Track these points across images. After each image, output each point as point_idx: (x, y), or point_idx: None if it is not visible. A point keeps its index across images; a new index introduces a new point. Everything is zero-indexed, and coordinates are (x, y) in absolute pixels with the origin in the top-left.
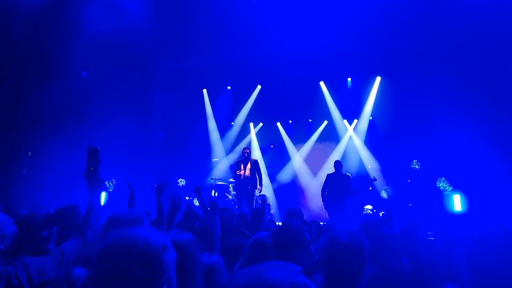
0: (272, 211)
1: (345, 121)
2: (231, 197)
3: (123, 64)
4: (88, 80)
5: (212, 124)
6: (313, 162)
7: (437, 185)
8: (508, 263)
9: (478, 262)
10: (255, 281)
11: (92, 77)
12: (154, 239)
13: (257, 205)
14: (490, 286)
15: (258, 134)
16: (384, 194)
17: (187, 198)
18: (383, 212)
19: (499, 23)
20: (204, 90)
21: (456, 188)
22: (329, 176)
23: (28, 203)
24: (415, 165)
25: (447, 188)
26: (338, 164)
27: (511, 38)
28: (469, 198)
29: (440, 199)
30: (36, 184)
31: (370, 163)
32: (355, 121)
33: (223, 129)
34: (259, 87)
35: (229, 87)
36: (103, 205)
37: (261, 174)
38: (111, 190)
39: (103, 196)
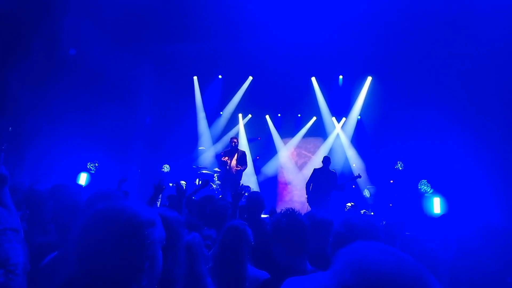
0: None
1: (334, 119)
2: (215, 186)
3: (112, 43)
4: (74, 58)
5: (200, 112)
6: (299, 157)
7: (419, 187)
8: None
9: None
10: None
11: (79, 55)
12: (141, 212)
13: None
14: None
15: (246, 126)
16: (366, 193)
17: (170, 184)
18: (364, 210)
19: (489, 26)
20: (195, 77)
21: (437, 191)
22: (316, 170)
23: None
24: (399, 166)
25: (428, 190)
26: (326, 160)
27: (500, 42)
28: (449, 201)
29: (420, 201)
30: (16, 160)
31: (355, 162)
32: (344, 119)
33: (211, 118)
34: (250, 78)
35: (220, 76)
36: (85, 186)
37: (246, 166)
38: (93, 172)
39: (85, 177)
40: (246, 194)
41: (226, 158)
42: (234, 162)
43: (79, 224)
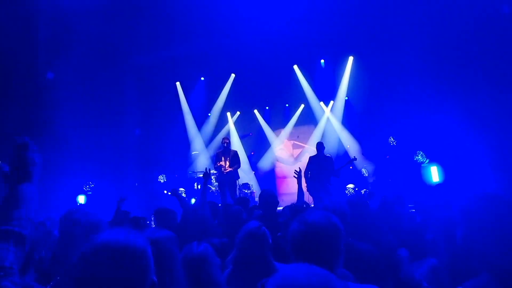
0: (256, 199)
1: (322, 103)
2: (214, 188)
3: (92, 62)
4: (55, 81)
5: (188, 116)
6: (294, 147)
7: (415, 159)
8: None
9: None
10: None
11: (59, 77)
12: (133, 238)
13: (241, 194)
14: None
15: (236, 123)
16: (364, 172)
17: (169, 192)
18: (365, 190)
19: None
20: (177, 83)
21: (433, 160)
22: (311, 158)
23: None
24: (391, 141)
25: (424, 161)
26: (320, 146)
27: (485, 15)
28: (446, 169)
29: (418, 172)
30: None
31: (349, 143)
32: (332, 102)
33: (200, 120)
34: (233, 75)
35: (202, 78)
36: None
37: (239, 165)
38: (90, 193)
39: (83, 200)
40: (246, 191)
41: (221, 162)
42: (227, 163)
43: (74, 265)
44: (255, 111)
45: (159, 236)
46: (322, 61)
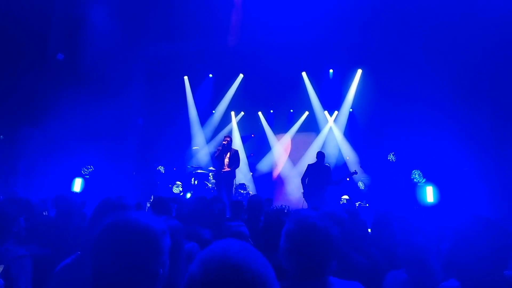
0: None
1: (326, 112)
2: (210, 185)
3: (102, 46)
4: (63, 63)
5: (192, 111)
6: (294, 153)
7: (411, 177)
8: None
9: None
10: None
11: (68, 60)
12: (154, 223)
13: (237, 194)
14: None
15: (239, 123)
16: (361, 185)
17: (170, 186)
18: (359, 202)
19: (480, 19)
20: (185, 77)
21: (429, 180)
22: (310, 166)
23: (2, 188)
24: (392, 157)
25: (421, 180)
26: (320, 155)
27: (491, 34)
28: (441, 190)
29: (413, 190)
30: (9, 169)
31: (349, 155)
32: (336, 112)
33: (204, 117)
34: (241, 75)
35: (211, 75)
36: (80, 192)
37: (238, 165)
38: (88, 177)
39: (79, 183)
40: (242, 191)
41: (220, 148)
42: (227, 160)
43: (94, 237)
44: (259, 113)
45: (170, 225)
46: (331, 71)
